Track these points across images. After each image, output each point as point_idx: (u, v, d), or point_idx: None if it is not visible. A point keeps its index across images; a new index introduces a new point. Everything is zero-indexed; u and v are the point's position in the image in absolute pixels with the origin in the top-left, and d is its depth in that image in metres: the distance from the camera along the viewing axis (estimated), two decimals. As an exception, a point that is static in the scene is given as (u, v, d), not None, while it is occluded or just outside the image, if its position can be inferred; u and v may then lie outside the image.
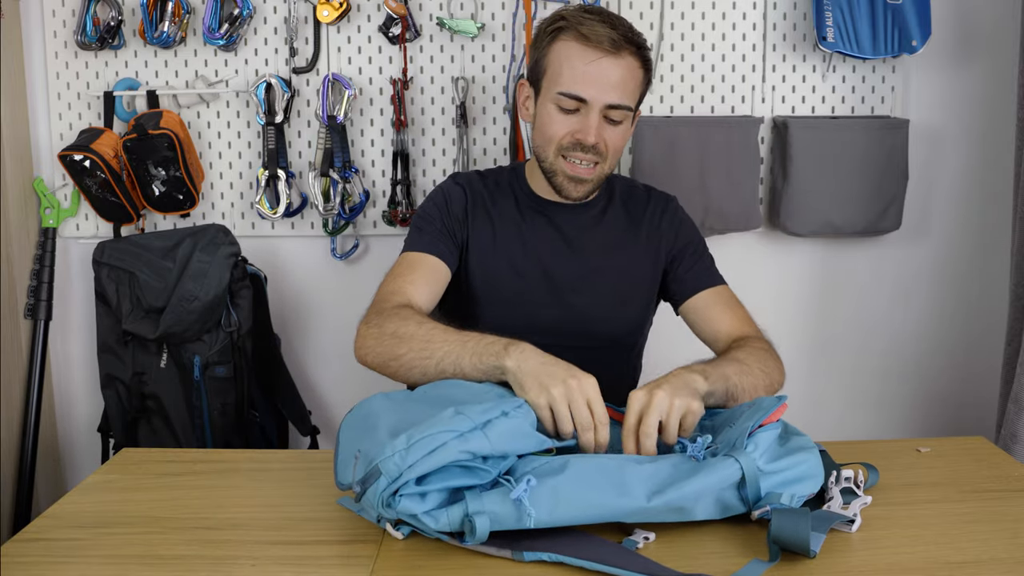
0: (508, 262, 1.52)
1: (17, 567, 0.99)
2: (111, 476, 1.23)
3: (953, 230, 2.25)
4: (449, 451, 0.95)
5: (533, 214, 1.55)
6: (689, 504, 1.00)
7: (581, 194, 1.48)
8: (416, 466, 0.94)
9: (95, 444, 2.20)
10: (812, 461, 1.05)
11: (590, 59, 1.38)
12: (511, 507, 0.95)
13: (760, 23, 2.14)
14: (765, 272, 2.24)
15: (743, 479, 1.00)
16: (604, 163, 1.45)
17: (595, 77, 1.39)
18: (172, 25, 2.07)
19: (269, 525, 1.08)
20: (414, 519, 0.97)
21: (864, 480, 1.12)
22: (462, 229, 1.53)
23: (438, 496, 0.97)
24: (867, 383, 2.30)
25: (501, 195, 1.57)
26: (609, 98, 1.40)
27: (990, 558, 0.97)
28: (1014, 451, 1.86)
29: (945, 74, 2.17)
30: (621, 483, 0.98)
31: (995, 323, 2.18)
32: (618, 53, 1.38)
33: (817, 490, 1.06)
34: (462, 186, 1.56)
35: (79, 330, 2.27)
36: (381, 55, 2.14)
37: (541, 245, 1.53)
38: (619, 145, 1.46)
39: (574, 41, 1.40)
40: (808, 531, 0.94)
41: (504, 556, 0.97)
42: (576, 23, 1.40)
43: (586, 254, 1.54)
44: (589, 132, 1.41)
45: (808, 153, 2.08)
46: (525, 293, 1.52)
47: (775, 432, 1.05)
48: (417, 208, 1.61)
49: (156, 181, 2.08)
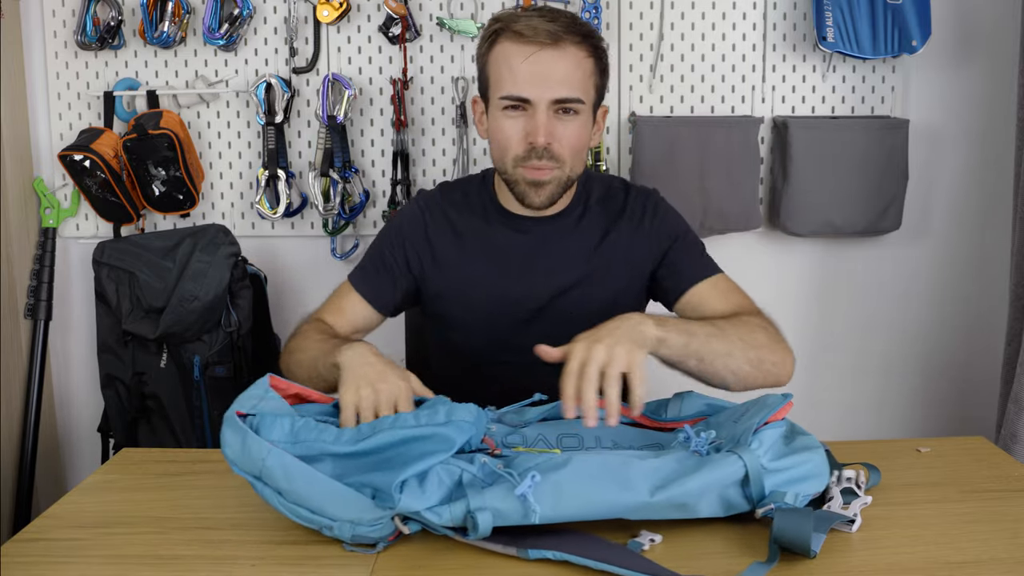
0: (478, 282, 1.45)
1: (17, 567, 0.99)
2: (111, 476, 1.23)
3: (953, 230, 2.25)
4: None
5: (504, 229, 1.45)
6: (692, 501, 0.99)
7: (544, 199, 1.36)
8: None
9: (95, 444, 2.20)
10: (817, 460, 1.05)
11: (527, 55, 1.29)
12: (514, 503, 0.96)
13: (760, 23, 2.14)
14: (765, 272, 2.23)
15: (747, 476, 1.00)
16: (563, 166, 1.34)
17: (535, 73, 1.29)
18: (172, 25, 2.07)
19: (269, 525, 1.07)
20: (417, 515, 0.97)
21: (865, 480, 1.12)
22: (417, 259, 1.46)
23: (439, 491, 0.98)
24: (867, 383, 2.30)
25: (469, 211, 1.47)
26: (553, 93, 1.29)
27: (990, 558, 0.97)
28: (1014, 451, 1.86)
29: (945, 74, 2.17)
30: (624, 478, 0.98)
31: (995, 323, 2.18)
32: (557, 44, 1.28)
33: (822, 489, 1.06)
34: (422, 209, 1.49)
35: (79, 330, 2.27)
36: (381, 55, 2.14)
37: (513, 261, 1.44)
38: (576, 144, 1.34)
39: (509, 41, 1.31)
40: (810, 531, 0.94)
41: (509, 553, 0.97)
42: (510, 22, 1.31)
43: (563, 266, 1.44)
44: (538, 132, 1.30)
45: (808, 153, 2.08)
46: (498, 313, 1.44)
47: (780, 430, 1.05)
48: (385, 225, 1.57)
49: (156, 181, 2.08)
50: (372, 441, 0.99)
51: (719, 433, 1.09)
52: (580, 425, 1.17)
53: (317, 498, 0.98)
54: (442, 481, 0.98)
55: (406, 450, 0.99)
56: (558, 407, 1.18)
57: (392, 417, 1.02)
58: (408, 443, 0.99)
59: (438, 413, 1.01)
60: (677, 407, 1.20)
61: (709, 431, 1.06)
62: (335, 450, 0.99)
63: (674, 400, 1.21)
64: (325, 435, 1.00)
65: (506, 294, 1.44)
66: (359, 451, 0.99)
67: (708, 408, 1.18)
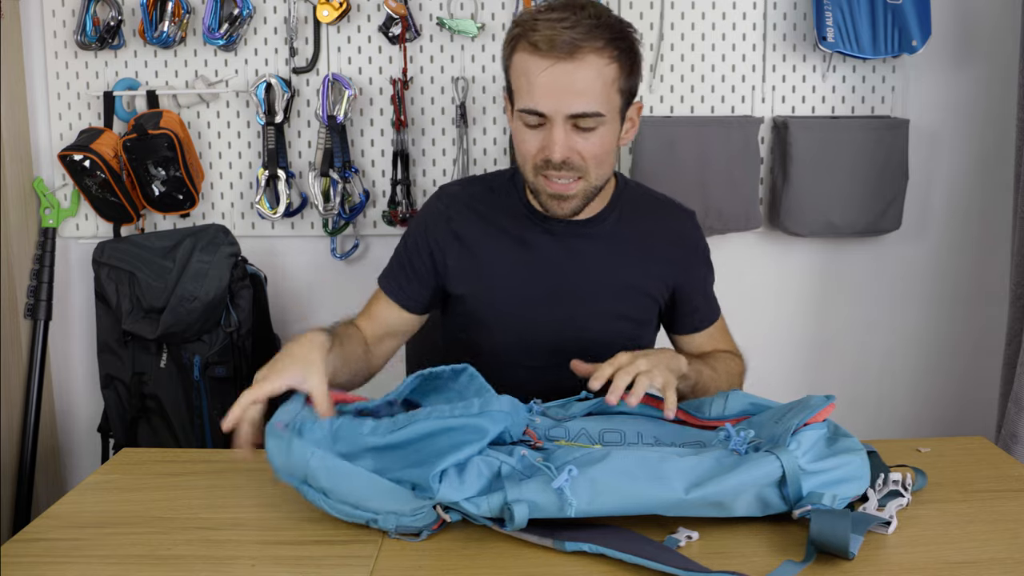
0: (505, 277, 1.43)
1: (17, 567, 0.99)
2: (111, 476, 1.23)
3: (953, 230, 2.25)
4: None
5: (534, 228, 1.43)
6: (728, 499, 0.99)
7: (568, 211, 1.34)
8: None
9: (95, 444, 2.20)
10: (858, 463, 1.04)
11: (543, 68, 1.24)
12: (551, 496, 0.97)
13: (760, 23, 2.14)
14: (765, 272, 2.24)
15: (784, 477, 1.00)
16: (587, 176, 1.31)
17: (551, 87, 1.24)
18: (172, 25, 2.07)
19: (269, 525, 1.08)
20: (456, 505, 0.99)
21: (912, 483, 1.12)
22: (442, 255, 1.44)
23: (478, 482, 0.99)
24: (867, 383, 2.30)
25: (498, 206, 1.45)
26: (571, 108, 1.24)
27: (990, 558, 0.97)
28: (1014, 451, 1.87)
29: (945, 74, 2.17)
30: (660, 475, 0.98)
31: (995, 323, 2.18)
32: (574, 56, 1.23)
33: (862, 492, 1.05)
34: (446, 205, 1.47)
35: (79, 330, 2.27)
36: (381, 55, 2.14)
37: (541, 262, 1.42)
38: (599, 153, 1.30)
39: (526, 52, 1.25)
40: (848, 533, 0.94)
41: (546, 544, 0.99)
42: (528, 29, 1.25)
43: (590, 273, 1.43)
44: (554, 148, 1.26)
45: (808, 153, 2.07)
46: (521, 313, 1.43)
47: (820, 431, 1.05)
48: (409, 222, 1.54)
49: (156, 181, 2.08)
50: (406, 432, 1.01)
51: (760, 433, 1.09)
52: (623, 421, 1.19)
53: (360, 493, 1.01)
54: (481, 472, 1.00)
55: (440, 440, 1.00)
56: (602, 402, 1.19)
57: (428, 408, 1.03)
58: (441, 434, 1.00)
59: (472, 404, 1.02)
60: (721, 405, 1.20)
61: (748, 430, 1.06)
62: (372, 442, 1.02)
63: (718, 398, 1.21)
64: (363, 427, 1.03)
65: (531, 294, 1.43)
66: (394, 442, 1.01)
67: (752, 407, 1.18)
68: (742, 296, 2.20)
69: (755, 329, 2.21)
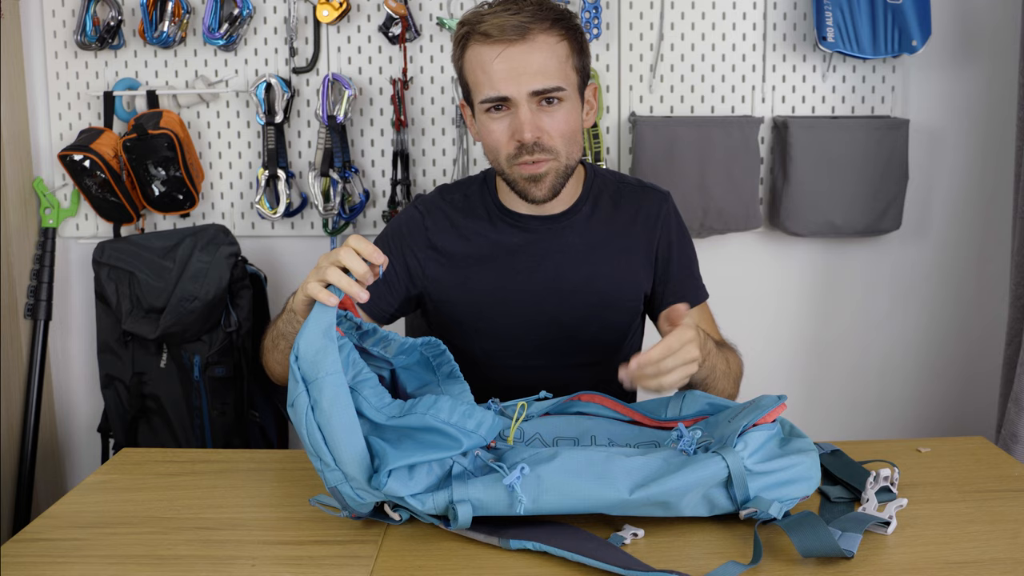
0: (485, 284, 1.43)
1: (17, 567, 0.99)
2: (111, 476, 1.23)
3: (953, 230, 2.25)
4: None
5: (509, 229, 1.44)
6: (674, 500, 0.99)
7: (545, 191, 1.35)
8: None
9: (95, 444, 2.20)
10: (807, 463, 1.04)
11: (496, 53, 1.29)
12: (499, 494, 0.97)
13: (760, 23, 2.14)
14: (765, 272, 2.24)
15: (730, 477, 1.00)
16: (558, 156, 1.33)
17: (508, 71, 1.29)
18: (172, 25, 2.07)
19: (269, 525, 1.08)
20: (402, 501, 0.99)
21: (895, 479, 1.12)
22: (419, 265, 1.44)
23: (427, 479, 0.99)
24: (867, 383, 2.30)
25: (472, 213, 1.46)
26: (531, 85, 1.29)
27: (990, 558, 0.97)
28: (1014, 451, 1.86)
29: (945, 74, 2.17)
30: (605, 474, 0.98)
31: (995, 323, 2.18)
32: (525, 37, 1.28)
33: (810, 493, 1.05)
34: (422, 214, 1.47)
35: (79, 330, 2.27)
36: (381, 55, 2.14)
37: (520, 261, 1.43)
38: (565, 130, 1.33)
39: (478, 44, 1.31)
40: (830, 536, 0.94)
41: (491, 543, 0.99)
42: (475, 23, 1.31)
43: (570, 265, 1.43)
44: (523, 128, 1.29)
45: (808, 153, 2.08)
46: (505, 314, 1.43)
47: (770, 432, 1.04)
48: (383, 231, 1.52)
49: (156, 181, 2.08)
50: (403, 421, 1.00)
51: (712, 433, 1.09)
52: (578, 423, 1.18)
53: (337, 434, 0.98)
54: (432, 470, 1.00)
55: (424, 436, 0.99)
56: (560, 403, 1.18)
57: (431, 399, 1.01)
58: (429, 431, 0.99)
59: (470, 418, 1.00)
60: (678, 406, 1.20)
61: (698, 431, 1.06)
62: (372, 416, 1.00)
63: (675, 398, 1.21)
64: (373, 399, 1.02)
65: (513, 295, 1.42)
66: (389, 426, 1.00)
67: (709, 407, 1.18)
68: (742, 296, 2.21)
69: (755, 329, 2.22)
